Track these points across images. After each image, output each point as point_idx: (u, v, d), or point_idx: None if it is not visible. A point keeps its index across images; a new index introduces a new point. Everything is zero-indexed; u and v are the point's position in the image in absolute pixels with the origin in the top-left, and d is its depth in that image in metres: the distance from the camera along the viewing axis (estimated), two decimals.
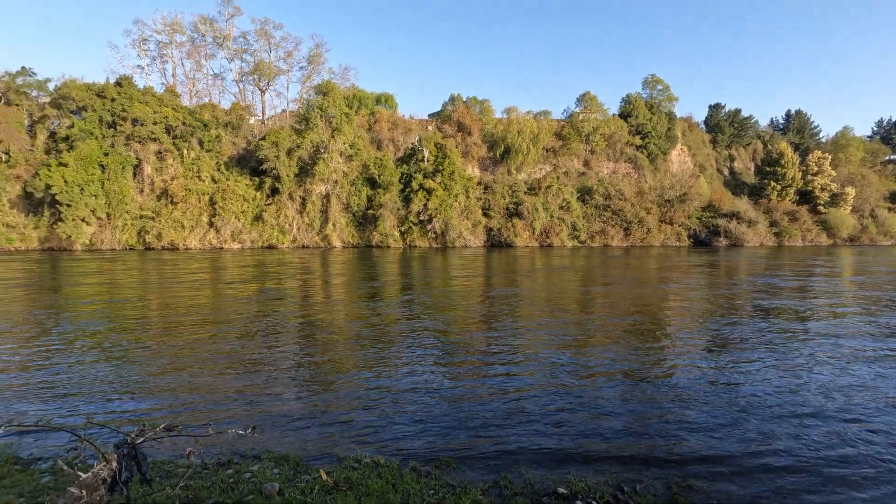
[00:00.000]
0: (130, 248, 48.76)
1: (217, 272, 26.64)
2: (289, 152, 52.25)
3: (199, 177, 52.07)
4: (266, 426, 6.08)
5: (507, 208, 58.24)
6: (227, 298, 17.12)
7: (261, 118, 65.85)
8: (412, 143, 59.05)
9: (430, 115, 71.06)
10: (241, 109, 59.50)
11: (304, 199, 53.71)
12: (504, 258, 37.49)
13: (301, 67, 71.36)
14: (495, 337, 11.08)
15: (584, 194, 61.62)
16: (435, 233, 54.84)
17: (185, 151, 52.74)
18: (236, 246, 51.25)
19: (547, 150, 65.71)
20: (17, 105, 51.14)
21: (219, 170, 53.38)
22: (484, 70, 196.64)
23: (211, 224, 51.29)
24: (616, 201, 60.48)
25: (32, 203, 47.84)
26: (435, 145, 56.52)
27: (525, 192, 59.31)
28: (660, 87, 71.75)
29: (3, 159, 48.15)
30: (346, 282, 22.31)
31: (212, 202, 51.28)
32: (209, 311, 14.60)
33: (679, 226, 61.38)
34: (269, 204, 53.13)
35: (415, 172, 55.71)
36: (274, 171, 51.67)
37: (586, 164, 67.28)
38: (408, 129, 61.45)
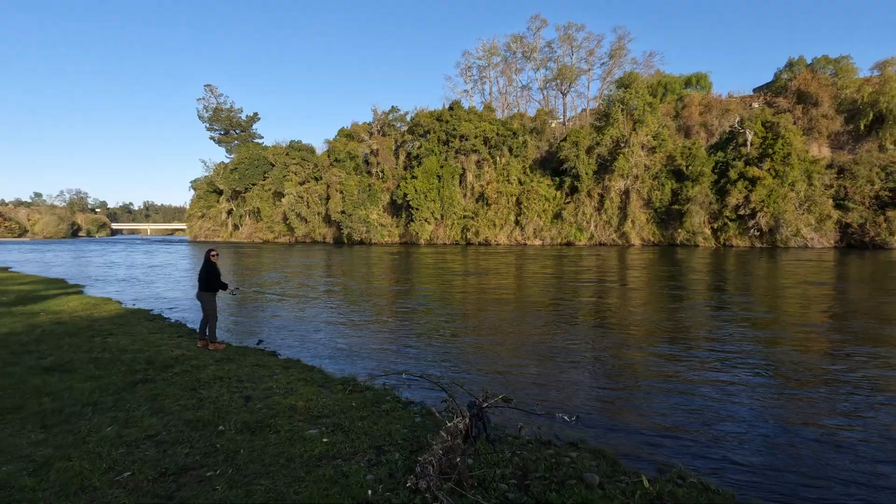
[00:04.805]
0: (456, 243, 58.89)
1: (550, 269, 29.30)
2: (588, 150, 52.77)
3: (508, 180, 58.46)
4: (584, 419, 6.22)
5: (878, 197, 43.19)
6: (566, 293, 18.58)
7: (562, 120, 68.85)
8: (730, 126, 50.66)
9: (755, 90, 59.50)
10: (545, 115, 63.54)
11: (602, 197, 53.34)
12: (870, 266, 27.85)
13: (602, 63, 71.13)
14: (848, 366, 8.31)
15: None
16: (759, 230, 45.63)
17: (498, 159, 60.02)
18: (537, 242, 55.26)
19: None
20: (389, 135, 68.83)
21: (524, 172, 58.62)
22: (839, 22, 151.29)
23: (517, 222, 56.88)
24: None
25: (396, 207, 63.75)
26: (762, 125, 46.89)
27: None
28: None
29: (381, 176, 65.79)
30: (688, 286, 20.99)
31: (518, 202, 56.80)
32: (552, 305, 16.14)
33: None
34: (568, 202, 55.02)
35: (733, 160, 47.67)
36: (573, 171, 53.14)
37: None
38: (724, 109, 53.06)
